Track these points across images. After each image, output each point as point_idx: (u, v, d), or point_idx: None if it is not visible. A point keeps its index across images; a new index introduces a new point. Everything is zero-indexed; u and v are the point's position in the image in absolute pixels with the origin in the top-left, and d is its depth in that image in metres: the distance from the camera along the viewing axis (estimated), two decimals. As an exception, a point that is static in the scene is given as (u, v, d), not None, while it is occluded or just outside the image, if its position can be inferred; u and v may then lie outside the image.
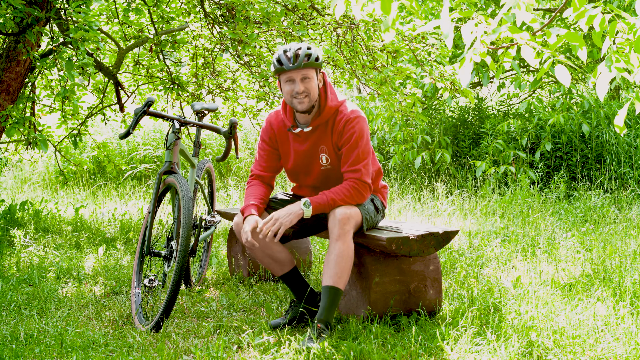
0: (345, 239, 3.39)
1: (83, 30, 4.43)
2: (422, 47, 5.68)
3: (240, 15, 5.33)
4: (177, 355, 3.17)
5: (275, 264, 3.62)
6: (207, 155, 9.61)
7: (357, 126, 3.51)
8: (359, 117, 3.53)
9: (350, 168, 3.51)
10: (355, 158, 3.50)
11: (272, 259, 3.59)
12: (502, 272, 4.59)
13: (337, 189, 3.48)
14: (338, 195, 3.46)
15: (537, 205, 6.53)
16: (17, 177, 9.75)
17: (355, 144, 3.50)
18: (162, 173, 3.87)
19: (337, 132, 3.53)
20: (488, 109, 9.10)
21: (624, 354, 3.05)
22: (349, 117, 3.51)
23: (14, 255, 5.20)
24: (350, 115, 3.52)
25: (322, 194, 3.47)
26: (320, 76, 3.53)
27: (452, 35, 2.56)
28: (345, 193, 3.46)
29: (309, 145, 3.59)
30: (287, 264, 3.63)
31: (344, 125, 3.51)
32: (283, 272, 3.64)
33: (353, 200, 3.49)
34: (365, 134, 3.53)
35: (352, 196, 3.48)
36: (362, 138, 3.51)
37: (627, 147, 7.47)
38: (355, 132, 3.50)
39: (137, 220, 6.66)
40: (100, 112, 6.90)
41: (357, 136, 3.50)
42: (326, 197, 3.45)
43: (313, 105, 3.51)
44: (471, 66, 2.61)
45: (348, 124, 3.50)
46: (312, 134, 3.58)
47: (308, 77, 3.46)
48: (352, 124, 3.50)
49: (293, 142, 3.63)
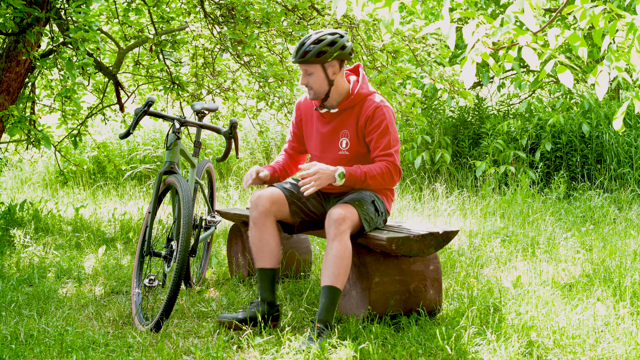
0: (341, 238, 3.39)
1: (83, 31, 4.43)
2: (422, 48, 5.69)
3: (240, 16, 5.33)
4: (177, 355, 3.17)
5: (265, 253, 3.56)
6: (207, 155, 9.61)
7: (387, 113, 3.57)
8: (388, 107, 3.60)
9: (383, 152, 3.54)
10: (387, 143, 3.54)
11: (267, 244, 3.55)
12: (502, 272, 4.59)
13: (372, 166, 3.50)
14: (372, 171, 3.48)
15: (537, 205, 6.53)
16: (17, 177, 9.75)
17: (386, 129, 3.54)
18: (162, 173, 3.88)
19: (366, 116, 3.56)
20: (488, 109, 9.10)
21: (624, 354, 3.05)
22: (379, 104, 3.57)
23: (14, 255, 5.20)
24: (380, 103, 3.58)
25: (357, 167, 3.48)
26: (333, 68, 3.54)
27: (454, 37, 2.56)
28: (378, 171, 3.49)
29: (332, 127, 3.64)
30: (275, 259, 3.58)
31: (374, 111, 3.56)
32: (267, 266, 3.55)
33: (384, 180, 3.51)
34: (393, 122, 3.59)
35: (383, 175, 3.50)
36: (392, 125, 3.57)
37: (627, 147, 7.47)
38: (385, 118, 3.55)
39: (137, 220, 6.66)
40: (100, 112, 6.90)
41: (388, 122, 3.55)
42: (360, 170, 3.47)
43: (327, 96, 3.57)
44: (474, 67, 2.61)
45: (378, 110, 3.55)
46: (337, 116, 3.63)
47: (309, 72, 3.53)
48: (382, 111, 3.56)
49: (317, 122, 3.70)
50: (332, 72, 3.55)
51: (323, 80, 3.54)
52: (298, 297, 4.07)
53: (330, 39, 3.50)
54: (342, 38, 3.54)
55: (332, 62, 3.53)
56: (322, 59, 3.50)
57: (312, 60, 3.49)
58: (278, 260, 3.60)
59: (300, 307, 3.86)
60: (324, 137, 3.69)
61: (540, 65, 2.72)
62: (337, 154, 3.65)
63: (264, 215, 3.56)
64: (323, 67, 3.53)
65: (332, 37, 3.51)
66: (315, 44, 3.49)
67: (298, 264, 4.51)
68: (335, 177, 3.43)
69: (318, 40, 3.49)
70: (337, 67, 3.55)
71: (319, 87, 3.56)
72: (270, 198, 3.60)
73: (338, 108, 3.62)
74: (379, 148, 3.54)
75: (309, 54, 3.48)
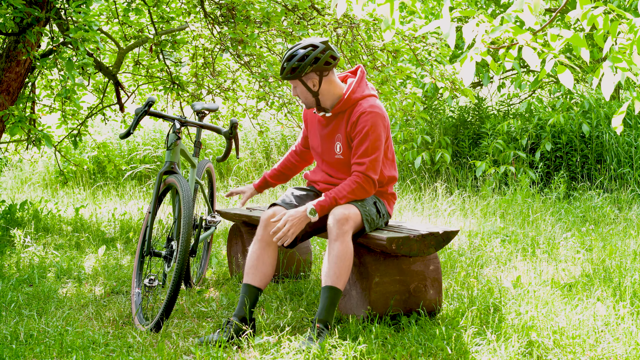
0: (343, 239, 3.39)
1: (83, 31, 4.43)
2: (423, 47, 5.69)
3: (241, 15, 5.33)
4: (177, 355, 3.17)
5: (258, 272, 3.53)
6: (208, 155, 9.61)
7: (371, 120, 3.53)
8: (374, 112, 3.55)
9: (357, 160, 3.54)
10: (364, 150, 3.53)
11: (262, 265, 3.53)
12: (502, 272, 4.59)
13: (341, 187, 3.52)
14: (340, 192, 3.50)
15: (537, 205, 6.53)
16: (17, 177, 9.75)
17: (365, 136, 3.53)
18: (163, 173, 3.88)
19: (352, 122, 3.57)
20: (488, 109, 9.10)
21: (624, 354, 3.05)
22: (365, 109, 3.55)
23: (14, 255, 5.20)
24: (367, 108, 3.55)
25: (326, 194, 3.51)
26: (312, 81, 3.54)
27: (454, 35, 2.56)
28: (347, 189, 3.51)
29: (329, 131, 3.67)
30: (265, 281, 3.54)
31: (358, 117, 3.55)
32: (255, 284, 3.51)
33: (356, 196, 3.52)
34: (377, 129, 3.54)
35: (354, 191, 3.51)
36: (374, 132, 3.53)
37: (627, 147, 7.47)
38: (367, 125, 3.53)
39: (137, 220, 6.66)
40: (100, 112, 6.90)
41: (369, 129, 3.52)
42: (329, 198, 3.50)
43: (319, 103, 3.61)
44: (473, 65, 2.61)
45: (363, 115, 3.54)
46: (332, 120, 3.65)
47: (295, 86, 3.61)
48: (366, 117, 3.53)
49: (318, 124, 3.73)
50: (312, 84, 3.55)
51: (306, 93, 3.59)
52: (298, 297, 4.07)
53: (301, 54, 3.49)
54: (315, 50, 3.50)
55: (310, 75, 3.54)
56: (297, 75, 3.52)
57: (289, 77, 3.54)
58: (266, 283, 3.56)
59: (300, 307, 3.86)
60: (323, 139, 3.72)
61: (540, 65, 2.71)
62: (334, 157, 3.68)
63: (271, 237, 3.56)
64: (302, 81, 3.56)
65: (304, 52, 3.50)
66: (288, 60, 3.52)
67: (298, 264, 4.51)
68: (307, 216, 3.48)
69: (290, 56, 3.52)
70: (316, 79, 3.54)
71: (305, 99, 3.62)
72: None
73: (331, 112, 3.64)
74: (356, 155, 3.55)
75: (284, 72, 3.54)
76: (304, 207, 3.49)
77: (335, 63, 3.56)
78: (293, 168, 4.09)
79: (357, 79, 3.64)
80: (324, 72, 3.55)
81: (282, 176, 4.11)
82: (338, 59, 3.58)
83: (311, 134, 3.81)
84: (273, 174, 4.11)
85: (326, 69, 3.54)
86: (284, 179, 4.13)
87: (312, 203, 3.49)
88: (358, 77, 3.65)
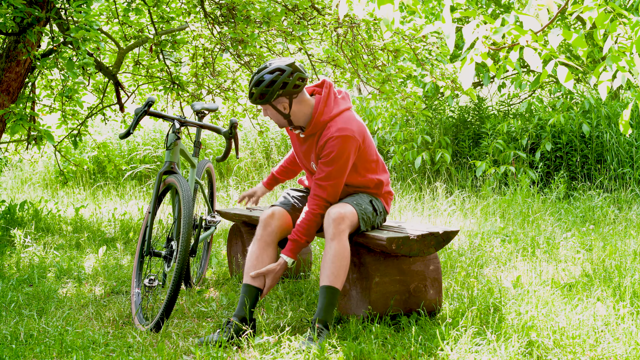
0: (340, 238, 3.39)
1: (84, 30, 4.42)
2: (423, 47, 5.69)
3: (241, 15, 5.33)
4: (177, 355, 3.17)
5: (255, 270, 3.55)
6: (207, 155, 9.61)
7: (337, 145, 3.46)
8: (342, 137, 3.46)
9: (319, 182, 3.52)
10: (327, 174, 3.50)
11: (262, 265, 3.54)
12: (502, 272, 4.59)
13: (300, 224, 3.52)
14: (301, 228, 3.52)
15: (537, 205, 6.52)
16: (17, 177, 9.75)
17: (331, 161, 3.48)
18: (162, 173, 3.88)
19: (320, 146, 3.53)
20: (488, 109, 9.10)
21: (624, 354, 3.05)
22: (333, 134, 3.47)
23: (14, 255, 5.20)
24: (335, 133, 3.47)
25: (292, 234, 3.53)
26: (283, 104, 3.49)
27: (454, 37, 2.55)
28: (307, 222, 3.52)
29: (305, 148, 3.66)
30: (263, 280, 3.53)
31: (325, 142, 3.49)
32: (255, 284, 3.51)
33: (317, 224, 3.53)
34: (344, 154, 3.47)
35: (310, 222, 3.52)
36: (341, 158, 3.47)
37: (627, 147, 7.47)
38: (334, 150, 3.47)
39: (137, 220, 6.66)
40: (100, 112, 6.90)
41: (335, 155, 3.47)
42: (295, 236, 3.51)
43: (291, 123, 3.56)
44: (472, 68, 2.60)
45: (330, 141, 3.47)
46: (307, 139, 3.63)
47: (265, 109, 3.56)
48: (333, 142, 3.47)
49: (297, 140, 3.72)
50: (283, 107, 3.50)
51: (278, 116, 3.54)
52: (298, 297, 4.07)
53: (268, 79, 3.43)
54: (282, 74, 3.43)
55: (279, 99, 3.48)
56: (267, 100, 3.47)
57: (258, 102, 3.49)
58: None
59: (300, 307, 3.86)
60: (302, 154, 3.71)
61: (541, 66, 2.70)
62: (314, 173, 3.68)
63: (270, 237, 3.58)
64: (272, 105, 3.50)
65: (271, 77, 3.42)
66: (256, 86, 3.46)
67: (298, 264, 4.51)
68: (288, 267, 3.53)
69: (258, 82, 3.45)
70: (286, 102, 3.48)
71: (277, 121, 3.58)
72: (280, 225, 3.63)
73: (304, 134, 3.60)
74: (319, 175, 3.52)
75: (253, 97, 3.48)
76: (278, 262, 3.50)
77: (304, 84, 3.49)
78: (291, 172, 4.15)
79: (322, 98, 3.54)
80: (293, 94, 3.48)
81: (288, 172, 4.14)
82: (306, 80, 3.51)
83: (294, 146, 3.78)
84: (280, 170, 4.15)
85: (295, 92, 3.47)
86: (292, 175, 4.16)
87: (284, 256, 3.50)
88: (324, 96, 3.55)
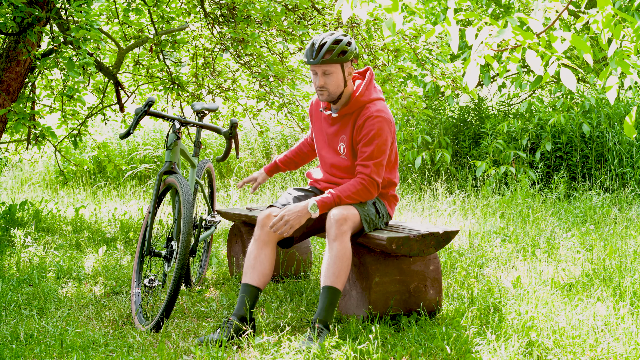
0: (342, 239, 3.39)
1: (85, 30, 4.42)
2: (423, 46, 5.69)
3: (241, 15, 5.33)
4: (177, 355, 3.17)
5: (256, 272, 3.51)
6: (207, 155, 9.61)
7: (377, 124, 3.53)
8: (381, 117, 3.55)
9: (362, 162, 3.55)
10: (369, 154, 3.53)
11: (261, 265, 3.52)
12: (502, 272, 4.59)
13: (345, 187, 3.52)
14: (344, 192, 3.51)
15: (537, 205, 6.52)
16: (17, 177, 9.75)
17: (370, 140, 3.53)
18: (163, 173, 3.88)
19: (358, 126, 3.57)
20: (488, 108, 9.10)
21: (624, 354, 3.05)
22: (372, 114, 3.55)
23: (14, 255, 5.20)
24: (374, 112, 3.55)
25: (329, 192, 3.51)
26: (349, 69, 3.55)
27: (457, 39, 2.56)
28: (351, 189, 3.51)
29: (335, 130, 3.67)
30: (263, 280, 3.52)
31: (364, 121, 3.55)
32: (254, 284, 3.50)
33: (360, 197, 3.53)
34: (383, 133, 3.54)
35: (358, 192, 3.52)
36: (380, 137, 3.53)
37: (628, 147, 7.47)
38: (373, 129, 3.53)
39: (137, 220, 6.66)
40: (100, 112, 6.90)
41: (375, 134, 3.53)
42: (333, 195, 3.50)
43: (339, 97, 3.58)
44: (477, 69, 2.61)
45: (369, 120, 3.54)
46: (338, 120, 3.65)
47: (329, 72, 3.53)
48: (372, 121, 3.53)
49: (324, 122, 3.73)
50: (348, 72, 3.56)
51: (340, 81, 3.55)
52: (298, 297, 4.07)
53: (347, 40, 3.52)
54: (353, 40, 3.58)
55: (348, 64, 3.56)
56: (343, 59, 3.51)
57: (334, 59, 3.49)
58: (265, 282, 3.54)
59: (300, 307, 3.86)
60: (328, 138, 3.72)
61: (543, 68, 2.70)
62: (338, 157, 3.68)
63: (268, 237, 3.56)
64: (342, 67, 3.54)
65: (348, 38, 3.53)
66: (336, 43, 3.49)
67: (298, 264, 4.51)
68: (308, 211, 3.46)
69: (337, 40, 3.50)
70: (351, 68, 3.57)
71: (335, 88, 3.57)
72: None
73: (338, 113, 3.63)
74: (361, 157, 3.56)
75: (333, 53, 3.48)
76: (306, 202, 3.49)
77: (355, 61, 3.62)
78: (304, 157, 4.15)
79: (365, 82, 3.63)
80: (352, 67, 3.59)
81: (292, 163, 4.16)
82: None
83: (316, 132, 3.80)
84: (284, 160, 4.16)
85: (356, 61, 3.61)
86: (294, 166, 4.18)
87: (315, 199, 3.49)
88: (367, 80, 3.64)
